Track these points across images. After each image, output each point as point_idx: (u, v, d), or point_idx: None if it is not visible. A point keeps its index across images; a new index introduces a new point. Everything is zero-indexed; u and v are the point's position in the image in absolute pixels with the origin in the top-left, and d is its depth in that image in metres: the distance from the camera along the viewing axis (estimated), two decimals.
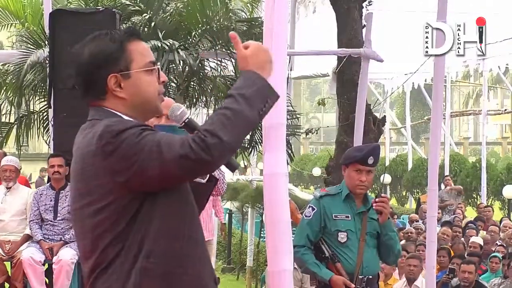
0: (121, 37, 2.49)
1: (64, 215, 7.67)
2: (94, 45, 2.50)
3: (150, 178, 2.29)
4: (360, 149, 5.25)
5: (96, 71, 2.45)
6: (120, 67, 2.45)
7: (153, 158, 2.26)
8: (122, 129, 2.31)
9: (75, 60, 2.55)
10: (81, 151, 2.40)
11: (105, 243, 2.35)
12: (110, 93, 2.46)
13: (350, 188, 4.99)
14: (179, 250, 2.39)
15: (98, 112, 2.48)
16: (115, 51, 2.46)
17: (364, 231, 4.96)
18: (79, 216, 2.43)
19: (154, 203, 2.36)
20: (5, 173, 8.14)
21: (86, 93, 2.51)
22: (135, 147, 2.28)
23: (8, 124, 10.60)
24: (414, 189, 25.03)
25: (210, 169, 2.38)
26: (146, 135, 2.31)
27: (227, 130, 2.27)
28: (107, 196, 2.33)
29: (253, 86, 2.33)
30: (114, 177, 2.31)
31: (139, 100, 2.48)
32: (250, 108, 2.30)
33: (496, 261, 9.68)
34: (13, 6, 11.33)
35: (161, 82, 2.52)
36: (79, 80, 2.52)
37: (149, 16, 10.03)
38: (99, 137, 2.33)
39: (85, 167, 2.37)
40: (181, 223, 2.41)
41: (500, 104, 49.79)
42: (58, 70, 7.62)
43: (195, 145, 2.25)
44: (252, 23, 10.47)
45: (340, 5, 10.75)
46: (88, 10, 8.45)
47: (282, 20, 4.44)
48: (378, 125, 10.90)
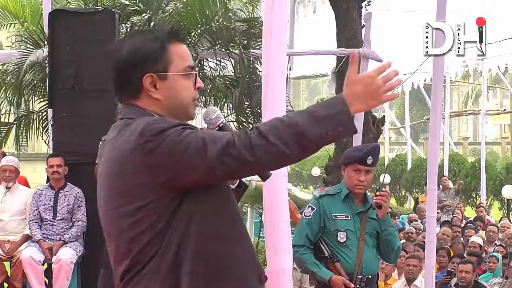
0: (163, 36, 2.41)
1: (63, 215, 7.67)
2: (134, 42, 2.42)
3: (194, 176, 2.22)
4: (360, 149, 5.24)
5: (133, 69, 2.39)
6: (157, 68, 2.38)
7: (198, 155, 2.20)
8: (165, 128, 2.24)
9: (112, 54, 2.47)
10: (117, 150, 2.31)
11: (142, 244, 2.28)
12: (144, 93, 2.39)
13: (349, 187, 4.99)
14: (222, 250, 2.32)
15: (131, 110, 2.40)
16: (155, 51, 2.38)
17: (364, 231, 4.96)
18: (113, 217, 2.34)
19: (194, 202, 2.28)
20: (4, 173, 8.14)
21: (120, 90, 2.45)
22: (178, 146, 2.21)
23: (8, 124, 10.60)
24: (413, 189, 25.02)
25: (252, 170, 2.29)
26: (188, 133, 2.24)
27: (278, 137, 2.17)
28: (147, 195, 2.26)
29: (332, 108, 2.21)
30: (155, 176, 2.24)
31: (173, 103, 2.40)
32: (313, 126, 2.18)
33: (494, 261, 9.68)
34: (12, 6, 11.33)
35: (196, 87, 2.45)
36: (113, 75, 2.46)
37: (148, 16, 10.03)
38: (139, 135, 2.25)
39: (123, 166, 2.28)
40: (222, 222, 2.34)
41: (499, 104, 49.81)
42: (57, 70, 7.62)
43: (240, 142, 2.18)
44: (252, 23, 10.47)
45: (339, 5, 10.77)
46: (87, 10, 8.45)
47: (282, 20, 4.44)
48: (377, 125, 10.92)
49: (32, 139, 10.59)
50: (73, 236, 7.60)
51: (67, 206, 7.63)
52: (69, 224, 7.69)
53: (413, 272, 8.46)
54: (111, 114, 7.44)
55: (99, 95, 7.49)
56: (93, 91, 7.48)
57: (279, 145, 2.18)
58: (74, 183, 7.66)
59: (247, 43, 9.91)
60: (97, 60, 7.49)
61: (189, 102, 2.43)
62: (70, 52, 7.54)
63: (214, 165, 2.20)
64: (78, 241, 7.65)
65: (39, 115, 10.15)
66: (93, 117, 7.43)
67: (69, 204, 7.63)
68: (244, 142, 2.18)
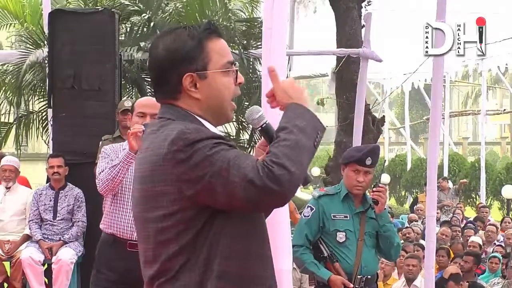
0: (200, 33, 2.33)
1: (63, 215, 7.67)
2: (171, 40, 2.34)
3: (217, 196, 2.17)
4: (359, 149, 5.25)
5: (171, 69, 2.31)
6: (196, 66, 2.31)
7: (221, 176, 2.14)
8: (197, 139, 2.18)
9: (149, 53, 2.40)
10: (151, 152, 2.26)
11: (169, 252, 2.24)
12: (184, 93, 2.32)
13: (348, 187, 5.00)
14: (251, 271, 2.29)
15: (169, 110, 2.34)
16: (193, 49, 2.31)
17: (363, 231, 4.96)
18: (142, 220, 2.32)
19: (225, 221, 2.24)
20: (4, 173, 8.15)
21: (159, 90, 2.38)
22: (206, 161, 2.16)
23: (7, 124, 10.61)
24: (413, 189, 25.02)
25: (280, 200, 2.23)
26: (219, 149, 2.18)
27: (293, 161, 2.17)
28: (172, 205, 2.21)
29: (303, 117, 2.25)
30: (182, 188, 2.19)
31: (213, 102, 2.35)
32: (306, 138, 2.22)
33: (496, 262, 9.68)
34: (12, 6, 11.34)
35: (237, 83, 2.41)
36: (151, 75, 2.40)
37: (148, 16, 10.04)
38: (171, 142, 2.19)
39: (154, 169, 2.24)
40: (253, 243, 2.31)
41: (499, 104, 49.79)
42: (57, 70, 7.62)
43: (264, 173, 2.14)
44: (251, 23, 10.48)
45: (339, 5, 10.77)
46: (87, 10, 8.45)
47: (281, 20, 4.44)
48: (377, 125, 10.92)
49: (32, 139, 10.60)
50: (73, 236, 7.61)
51: (67, 207, 7.64)
52: (69, 224, 7.70)
53: (412, 272, 8.46)
54: (110, 114, 7.47)
55: (98, 95, 7.50)
56: (93, 91, 7.49)
57: (299, 171, 2.19)
58: (74, 183, 7.67)
59: (247, 43, 9.92)
60: (97, 60, 7.50)
61: (229, 100, 2.38)
62: (70, 52, 7.54)
63: (235, 189, 2.15)
64: (78, 241, 7.66)
65: (39, 115, 10.16)
66: (93, 117, 7.45)
67: (69, 205, 7.63)
68: (268, 173, 2.14)
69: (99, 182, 4.66)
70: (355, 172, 4.95)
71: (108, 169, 4.60)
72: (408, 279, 8.50)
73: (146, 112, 4.66)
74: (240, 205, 2.19)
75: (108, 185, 4.62)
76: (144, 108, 4.68)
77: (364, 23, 10.52)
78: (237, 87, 2.41)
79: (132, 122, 4.69)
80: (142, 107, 4.69)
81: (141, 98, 5.07)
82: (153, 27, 9.90)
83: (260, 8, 11.51)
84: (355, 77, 10.29)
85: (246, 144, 10.66)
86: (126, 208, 4.65)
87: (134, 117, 4.67)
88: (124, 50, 9.16)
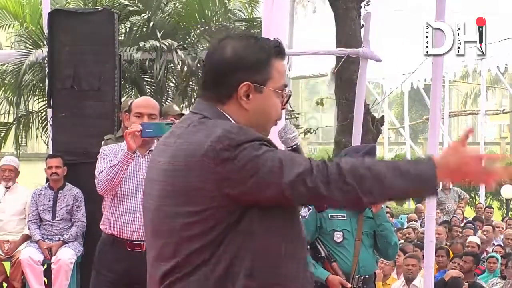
0: (270, 49, 2.34)
1: (62, 215, 7.67)
2: (243, 46, 2.33)
3: (261, 196, 2.17)
4: (357, 149, 5.25)
5: (233, 73, 2.30)
6: (256, 79, 2.31)
7: (271, 177, 2.15)
8: (244, 140, 2.18)
9: (213, 51, 2.37)
10: (187, 146, 2.23)
11: (192, 248, 2.22)
12: (234, 100, 2.31)
13: None
14: (282, 270, 2.27)
15: (209, 109, 2.33)
16: (260, 62, 2.31)
17: (360, 230, 4.96)
18: (168, 214, 2.27)
19: (256, 218, 2.23)
20: (4, 172, 8.15)
21: (209, 88, 2.35)
22: (253, 162, 2.16)
23: (7, 124, 10.61)
24: None
25: (321, 201, 2.27)
26: (266, 150, 2.19)
27: (357, 178, 2.16)
28: (207, 202, 2.19)
29: (421, 169, 2.18)
30: (221, 186, 2.17)
31: (260, 118, 2.34)
32: (398, 180, 2.16)
33: (494, 261, 9.67)
34: (12, 6, 11.35)
35: (284, 107, 2.41)
36: (209, 73, 2.36)
37: (147, 16, 10.04)
38: (217, 139, 2.18)
39: (190, 165, 2.21)
40: (284, 243, 2.28)
41: (498, 104, 49.77)
42: (56, 70, 7.62)
43: (318, 172, 2.16)
44: (251, 23, 10.48)
45: (338, 5, 10.77)
46: (86, 10, 8.46)
47: (281, 20, 4.45)
48: (376, 125, 10.92)
49: (32, 139, 10.61)
50: (73, 236, 7.60)
51: (66, 207, 7.63)
52: (68, 224, 7.69)
53: (412, 272, 8.45)
54: (110, 114, 7.47)
55: (98, 95, 7.50)
56: (92, 91, 7.48)
57: (356, 189, 2.16)
58: (73, 183, 7.66)
59: None
60: (96, 60, 7.50)
61: (273, 121, 2.38)
62: (69, 52, 7.54)
63: (286, 190, 2.16)
64: (77, 241, 7.65)
65: (39, 115, 10.16)
66: (92, 117, 7.44)
67: (68, 205, 7.63)
68: (322, 173, 2.16)
69: (98, 182, 4.67)
70: None
71: (107, 169, 4.61)
72: (408, 279, 8.50)
73: (143, 112, 4.67)
74: (287, 202, 2.21)
75: (108, 185, 4.62)
76: (141, 108, 4.70)
77: (363, 23, 10.51)
78: (282, 110, 2.42)
79: (129, 122, 4.71)
80: (139, 107, 4.71)
81: (138, 99, 5.09)
82: (153, 27, 9.90)
83: (260, 8, 11.51)
84: (355, 77, 10.29)
85: None
86: (126, 208, 4.65)
87: (132, 117, 4.69)
88: (123, 50, 9.16)
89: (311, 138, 30.72)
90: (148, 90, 10.09)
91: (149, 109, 4.69)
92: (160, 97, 9.70)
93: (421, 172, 2.18)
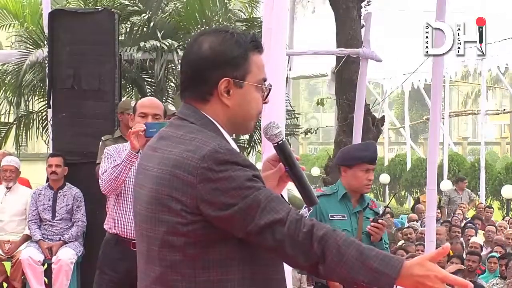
0: (246, 44, 2.32)
1: (62, 215, 7.67)
2: (218, 42, 2.30)
3: (234, 228, 2.17)
4: (365, 148, 5.12)
5: (212, 69, 2.29)
6: (236, 74, 2.29)
7: (245, 214, 2.14)
8: (231, 161, 2.17)
9: (189, 49, 2.35)
10: (175, 157, 2.21)
11: (174, 260, 2.22)
12: (215, 97, 2.30)
13: (356, 188, 4.93)
14: None
15: (193, 114, 2.32)
16: (238, 56, 2.30)
17: (360, 230, 4.95)
18: (152, 219, 2.26)
19: (232, 244, 2.21)
20: (5, 173, 8.15)
21: (190, 88, 2.34)
22: (237, 191, 2.15)
23: (7, 124, 10.61)
24: (412, 189, 25.00)
25: (282, 257, 2.24)
26: (254, 185, 2.17)
27: (324, 250, 2.14)
28: (185, 215, 2.18)
29: (383, 267, 2.14)
30: (199, 204, 2.16)
31: (241, 113, 2.33)
32: (357, 268, 2.14)
33: (495, 261, 9.67)
34: (12, 6, 11.35)
35: (264, 101, 2.41)
36: (187, 71, 2.33)
37: (148, 16, 10.04)
38: (202, 157, 2.16)
39: (174, 176, 2.19)
40: (259, 267, 2.27)
41: (498, 104, 49.79)
42: (57, 70, 7.62)
43: (290, 229, 2.15)
44: (251, 23, 10.48)
45: (339, 5, 10.77)
46: (87, 10, 8.46)
47: (281, 20, 4.45)
48: (377, 125, 10.92)
49: (32, 139, 10.61)
50: (73, 236, 7.61)
51: (66, 206, 7.63)
52: (68, 224, 7.70)
53: None
54: (110, 114, 7.48)
55: (98, 95, 7.50)
56: (93, 91, 7.49)
57: (318, 260, 2.16)
58: (73, 183, 7.67)
59: None
60: (96, 60, 7.51)
61: (254, 115, 2.38)
62: (69, 52, 7.55)
63: (252, 232, 2.16)
64: (78, 241, 7.66)
65: (39, 115, 10.16)
66: (93, 117, 7.45)
67: (67, 204, 7.63)
68: (293, 231, 2.15)
69: (102, 182, 4.68)
70: (365, 172, 4.91)
71: (111, 169, 4.63)
72: None
73: (148, 113, 4.70)
74: (251, 243, 2.20)
75: (111, 185, 4.64)
76: (145, 108, 4.73)
77: (364, 23, 10.51)
78: (262, 105, 2.41)
79: (134, 122, 4.73)
80: (144, 107, 4.74)
81: (142, 99, 5.10)
82: (153, 27, 9.91)
83: (260, 8, 11.52)
84: (355, 77, 10.29)
85: (246, 144, 10.66)
86: (129, 208, 4.66)
87: (136, 117, 4.72)
88: (124, 50, 9.17)
89: (311, 138, 30.73)
90: (148, 90, 10.10)
91: (154, 109, 4.73)
92: (160, 97, 9.70)
93: (383, 274, 2.14)
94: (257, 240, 2.17)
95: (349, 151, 5.11)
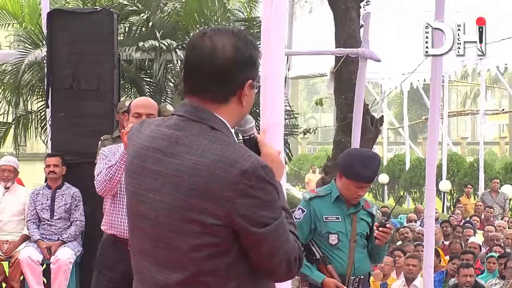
0: (256, 46, 2.36)
1: (60, 214, 7.66)
2: (241, 44, 2.29)
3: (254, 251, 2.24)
4: (367, 166, 4.89)
5: (239, 71, 2.27)
6: (254, 75, 2.33)
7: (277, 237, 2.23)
8: (269, 181, 2.20)
9: (208, 50, 2.26)
10: (206, 168, 2.18)
11: (197, 269, 2.22)
12: (237, 97, 2.29)
13: (345, 196, 4.90)
14: None
15: (210, 117, 2.28)
16: (256, 58, 2.34)
17: (354, 232, 4.93)
18: (174, 227, 2.23)
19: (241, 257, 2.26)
20: (3, 173, 8.14)
21: (208, 90, 2.29)
22: (270, 209, 2.20)
23: (6, 124, 10.60)
24: (411, 189, 24.99)
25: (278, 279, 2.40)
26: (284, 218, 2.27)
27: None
28: (216, 228, 2.18)
29: None
30: (235, 218, 2.17)
31: (246, 112, 2.38)
32: None
33: (494, 261, 9.67)
34: (11, 6, 11.34)
35: None
36: (210, 74, 2.27)
37: (146, 16, 10.03)
38: (243, 173, 2.16)
39: (210, 188, 2.17)
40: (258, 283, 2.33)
41: (497, 104, 49.80)
42: (55, 70, 7.62)
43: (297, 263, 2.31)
44: (250, 23, 10.47)
45: (338, 5, 10.75)
46: (85, 10, 8.45)
47: (280, 20, 4.43)
48: (376, 125, 10.91)
49: (31, 139, 10.60)
50: (72, 236, 7.60)
51: (64, 206, 7.63)
52: (67, 224, 7.69)
53: (412, 272, 8.46)
54: (109, 114, 7.47)
55: (97, 95, 7.50)
56: (91, 91, 7.49)
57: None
58: (72, 183, 7.66)
59: None
60: (95, 60, 7.50)
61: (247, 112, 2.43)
62: (68, 52, 7.54)
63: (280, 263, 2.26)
64: (76, 241, 7.65)
65: (38, 115, 10.16)
66: (91, 117, 7.44)
67: (66, 204, 7.63)
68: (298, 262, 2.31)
69: (97, 183, 4.68)
70: (358, 187, 4.86)
71: (105, 170, 4.62)
72: (408, 279, 8.50)
73: (142, 113, 4.68)
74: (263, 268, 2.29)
75: (106, 186, 4.63)
76: (139, 108, 4.71)
77: (362, 23, 10.50)
78: None
79: (128, 122, 4.72)
80: (138, 107, 4.73)
81: (136, 99, 5.09)
82: (152, 27, 9.90)
83: (259, 8, 11.51)
84: (354, 77, 10.27)
85: None
86: (125, 208, 4.65)
87: (130, 117, 4.70)
88: (122, 50, 9.16)
89: (310, 138, 30.72)
90: (147, 90, 10.09)
91: (148, 109, 4.71)
92: (159, 97, 9.70)
93: None
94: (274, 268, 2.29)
95: (352, 162, 4.87)
